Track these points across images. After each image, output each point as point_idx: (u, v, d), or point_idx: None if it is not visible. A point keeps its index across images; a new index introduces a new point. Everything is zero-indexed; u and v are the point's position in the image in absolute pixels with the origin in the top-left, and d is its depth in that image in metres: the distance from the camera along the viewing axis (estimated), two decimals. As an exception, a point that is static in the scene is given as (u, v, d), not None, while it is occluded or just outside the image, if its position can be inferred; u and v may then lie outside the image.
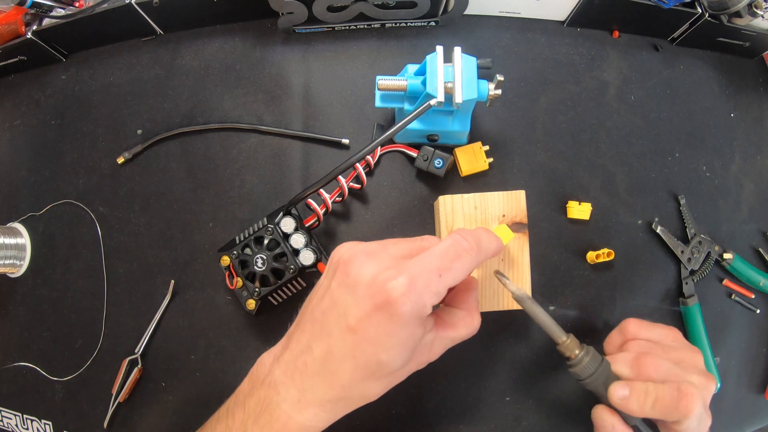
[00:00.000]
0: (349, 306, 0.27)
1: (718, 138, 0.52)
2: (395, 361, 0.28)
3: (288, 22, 0.48)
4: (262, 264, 0.42)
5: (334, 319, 0.28)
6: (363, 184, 0.46)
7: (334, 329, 0.28)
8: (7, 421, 0.49)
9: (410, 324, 0.27)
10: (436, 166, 0.45)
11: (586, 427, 0.47)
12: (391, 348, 0.27)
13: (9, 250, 0.49)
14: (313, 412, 0.29)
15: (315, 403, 0.29)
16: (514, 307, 0.41)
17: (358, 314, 0.27)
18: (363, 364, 0.28)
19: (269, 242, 0.43)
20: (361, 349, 0.27)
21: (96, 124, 0.51)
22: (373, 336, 0.27)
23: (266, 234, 0.42)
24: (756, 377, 0.50)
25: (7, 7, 0.48)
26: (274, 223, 0.43)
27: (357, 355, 0.27)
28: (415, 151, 0.46)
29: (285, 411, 0.29)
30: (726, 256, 0.48)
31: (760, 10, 0.46)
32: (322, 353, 0.28)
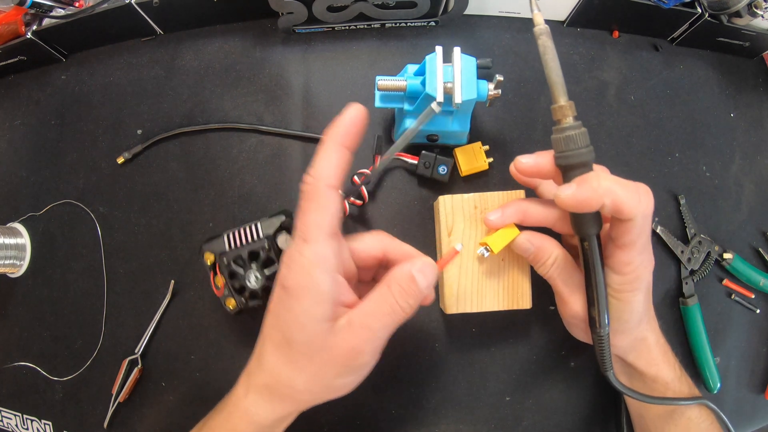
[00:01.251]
0: (282, 272, 0.30)
1: (718, 138, 0.52)
2: (300, 335, 0.29)
3: (288, 22, 0.48)
4: (255, 282, 0.41)
5: (275, 295, 0.31)
6: (365, 201, 0.46)
7: (268, 314, 0.31)
8: (7, 421, 0.49)
9: (303, 296, 0.29)
10: (441, 173, 0.45)
11: (587, 427, 0.47)
12: (292, 323, 0.29)
13: (9, 250, 0.49)
14: (253, 397, 0.31)
15: (254, 389, 0.31)
16: (514, 307, 0.41)
17: (273, 299, 0.30)
18: (277, 344, 0.30)
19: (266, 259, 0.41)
20: (273, 330, 0.30)
21: (96, 124, 0.51)
22: (278, 314, 0.30)
23: (262, 251, 0.40)
24: (756, 377, 0.50)
25: (7, 7, 0.48)
26: (270, 239, 0.41)
27: (273, 336, 0.30)
28: (414, 158, 0.46)
29: (237, 392, 0.32)
30: (726, 256, 0.48)
31: (760, 10, 0.46)
32: (260, 340, 0.31)
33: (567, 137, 0.32)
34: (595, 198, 0.30)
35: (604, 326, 0.34)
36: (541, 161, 0.34)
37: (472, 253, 0.40)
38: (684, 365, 0.49)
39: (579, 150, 0.31)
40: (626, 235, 0.32)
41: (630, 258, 0.33)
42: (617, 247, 0.33)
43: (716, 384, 0.47)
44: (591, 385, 0.47)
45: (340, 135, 0.30)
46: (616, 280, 0.34)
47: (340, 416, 0.46)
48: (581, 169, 0.32)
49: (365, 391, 0.46)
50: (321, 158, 0.30)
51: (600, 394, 0.47)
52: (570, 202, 0.31)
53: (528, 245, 0.37)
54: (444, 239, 0.41)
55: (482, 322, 0.46)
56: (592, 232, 0.33)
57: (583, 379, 0.47)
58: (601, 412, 0.47)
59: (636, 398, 0.37)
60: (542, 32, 0.33)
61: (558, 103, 0.32)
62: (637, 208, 0.30)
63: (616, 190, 0.30)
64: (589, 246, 0.33)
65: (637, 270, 0.33)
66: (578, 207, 0.31)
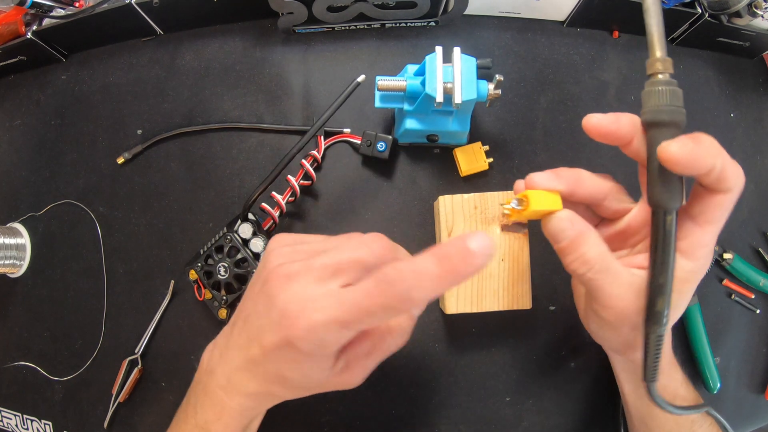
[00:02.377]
0: (264, 327, 0.28)
1: (718, 138, 0.50)
2: (299, 383, 0.30)
3: (288, 22, 0.48)
4: (225, 272, 0.43)
5: (254, 329, 0.29)
6: (313, 180, 0.47)
7: (253, 338, 0.29)
8: (7, 421, 0.49)
9: (313, 358, 0.28)
10: (380, 150, 0.46)
11: (586, 427, 0.47)
12: (294, 372, 0.29)
13: (9, 250, 0.49)
14: (239, 400, 0.31)
15: (240, 393, 0.31)
16: (514, 307, 0.41)
17: (269, 339, 0.28)
18: (272, 377, 0.29)
19: (229, 250, 0.44)
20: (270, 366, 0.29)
21: (96, 124, 0.51)
22: (278, 359, 0.28)
23: (225, 242, 0.44)
24: (756, 377, 0.50)
25: (7, 7, 0.48)
26: (232, 231, 0.44)
27: (267, 367, 0.29)
28: (358, 138, 0.47)
29: (219, 396, 0.31)
30: (726, 256, 0.48)
31: (760, 10, 0.46)
32: (245, 356, 0.30)
33: (673, 91, 0.28)
34: (710, 157, 0.26)
35: (665, 323, 0.29)
36: (622, 120, 0.30)
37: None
38: (684, 365, 0.49)
39: (681, 108, 0.28)
40: (716, 210, 0.28)
41: (708, 239, 0.29)
42: (699, 224, 0.29)
43: (716, 384, 0.47)
44: (591, 386, 0.47)
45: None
46: (685, 267, 0.30)
47: (340, 416, 0.46)
48: (676, 131, 0.28)
49: (365, 391, 0.46)
50: (427, 269, 0.25)
51: (599, 395, 0.47)
52: (683, 157, 0.26)
53: (568, 225, 0.30)
54: (444, 239, 0.41)
55: (482, 322, 0.46)
56: (679, 203, 0.28)
57: (583, 379, 0.47)
58: (601, 412, 0.47)
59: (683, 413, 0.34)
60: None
61: (658, 55, 0.29)
62: (739, 178, 0.28)
63: (725, 155, 0.27)
64: (671, 221, 0.28)
65: (709, 255, 0.30)
66: (689, 165, 0.27)
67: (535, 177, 0.31)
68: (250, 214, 0.45)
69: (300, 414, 0.46)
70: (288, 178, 0.45)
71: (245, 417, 0.32)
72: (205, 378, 0.33)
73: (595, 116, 0.30)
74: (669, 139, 0.27)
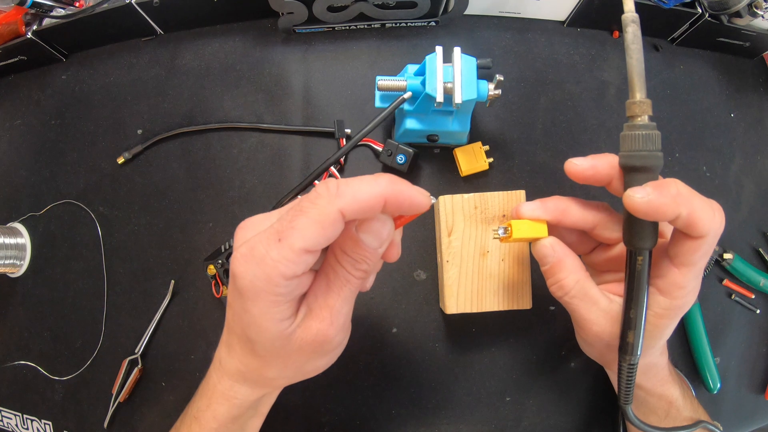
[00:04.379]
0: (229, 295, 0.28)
1: (718, 138, 0.52)
2: (262, 337, 0.27)
3: (288, 22, 0.48)
4: None
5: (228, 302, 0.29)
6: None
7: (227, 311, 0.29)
8: (7, 421, 0.49)
9: (260, 299, 0.25)
10: (399, 162, 0.46)
11: (587, 427, 0.47)
12: (251, 324, 0.26)
13: (9, 250, 0.49)
14: (228, 383, 0.30)
15: (226, 373, 0.30)
16: (514, 307, 0.41)
17: (229, 300, 0.28)
18: (242, 340, 0.28)
19: None
20: (235, 325, 0.28)
21: (96, 124, 0.51)
22: (236, 312, 0.27)
23: None
24: (756, 377, 0.50)
25: (7, 7, 0.48)
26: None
27: (235, 330, 0.28)
28: (380, 145, 0.47)
29: (212, 381, 0.31)
30: (726, 256, 0.48)
31: (760, 10, 0.46)
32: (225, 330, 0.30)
33: (646, 135, 0.28)
34: (673, 206, 0.27)
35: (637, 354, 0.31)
36: (599, 164, 0.31)
37: (473, 253, 0.40)
38: (684, 365, 0.49)
39: (655, 152, 0.29)
40: (691, 254, 0.29)
41: (686, 281, 0.29)
42: (675, 265, 0.30)
43: (716, 384, 0.47)
44: (591, 386, 0.47)
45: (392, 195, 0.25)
46: (661, 303, 0.30)
47: (340, 416, 0.46)
48: (651, 174, 0.29)
49: (365, 391, 0.46)
50: (356, 185, 0.25)
51: (599, 395, 0.47)
52: (643, 206, 0.27)
53: (549, 252, 0.33)
54: (444, 239, 0.41)
55: (482, 322, 0.46)
56: (650, 245, 0.30)
57: (583, 379, 0.47)
58: (601, 412, 0.47)
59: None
60: (632, 20, 0.30)
61: (636, 98, 0.29)
62: (711, 224, 0.28)
63: (694, 202, 0.27)
64: (642, 262, 0.30)
65: (687, 295, 0.30)
66: (650, 213, 0.27)
67: (522, 208, 0.33)
68: None
69: (300, 414, 0.46)
70: (315, 182, 0.44)
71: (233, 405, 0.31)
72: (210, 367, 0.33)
73: (573, 162, 0.32)
74: (636, 186, 0.28)
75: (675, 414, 0.38)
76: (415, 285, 0.46)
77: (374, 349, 0.46)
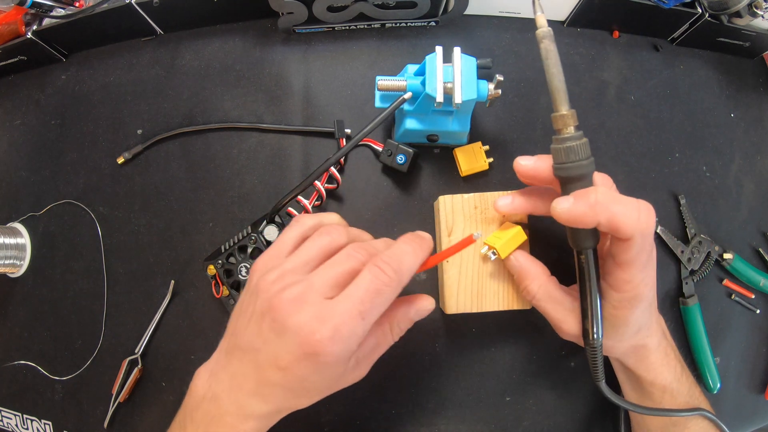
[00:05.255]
0: (278, 350, 0.29)
1: (718, 138, 0.52)
2: (323, 389, 0.32)
3: (288, 22, 0.48)
4: (246, 273, 0.43)
5: (264, 356, 0.30)
6: (338, 184, 0.47)
7: (265, 364, 0.30)
8: (7, 421, 0.49)
9: (336, 365, 0.30)
10: (399, 162, 0.45)
11: (586, 427, 0.47)
12: (318, 382, 0.31)
13: (9, 250, 0.49)
14: (252, 423, 0.31)
15: (253, 417, 0.31)
16: (514, 307, 0.41)
17: (288, 358, 0.29)
18: (293, 391, 0.31)
19: (253, 251, 0.43)
20: (291, 382, 0.30)
21: (96, 124, 0.51)
22: (301, 374, 0.30)
23: (250, 243, 0.43)
24: (756, 377, 0.50)
25: (7, 7, 0.48)
26: (257, 232, 0.43)
27: (287, 385, 0.30)
28: (380, 145, 0.47)
29: (228, 422, 0.31)
30: (726, 256, 0.48)
31: (760, 10, 0.46)
32: (256, 381, 0.31)
33: (567, 148, 0.30)
34: (591, 215, 0.30)
35: (597, 339, 0.34)
36: (540, 166, 0.34)
37: (473, 253, 0.40)
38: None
39: (579, 162, 0.31)
40: (625, 253, 0.31)
41: (629, 276, 0.32)
42: (616, 264, 0.32)
43: (716, 384, 0.47)
44: (591, 386, 0.47)
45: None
46: (614, 297, 0.33)
47: (340, 416, 0.46)
48: (581, 182, 0.31)
49: (365, 391, 0.46)
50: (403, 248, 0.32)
51: (599, 395, 0.47)
52: (565, 216, 0.30)
53: (514, 263, 0.38)
54: (444, 239, 0.41)
55: (482, 322, 0.46)
56: (588, 245, 0.32)
57: (583, 379, 0.47)
58: (601, 412, 0.47)
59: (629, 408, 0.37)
60: (545, 35, 0.31)
61: (559, 112, 0.31)
62: (635, 226, 0.29)
63: (613, 208, 0.29)
64: (585, 260, 0.33)
65: (637, 288, 0.32)
66: (573, 222, 0.31)
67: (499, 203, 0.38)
68: (276, 217, 0.44)
69: (300, 414, 0.46)
70: (314, 182, 0.44)
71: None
72: (207, 405, 0.32)
73: (519, 161, 0.35)
74: (561, 197, 0.31)
75: (669, 400, 0.38)
76: (415, 285, 0.46)
77: (374, 349, 0.46)
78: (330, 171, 0.45)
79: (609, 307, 0.33)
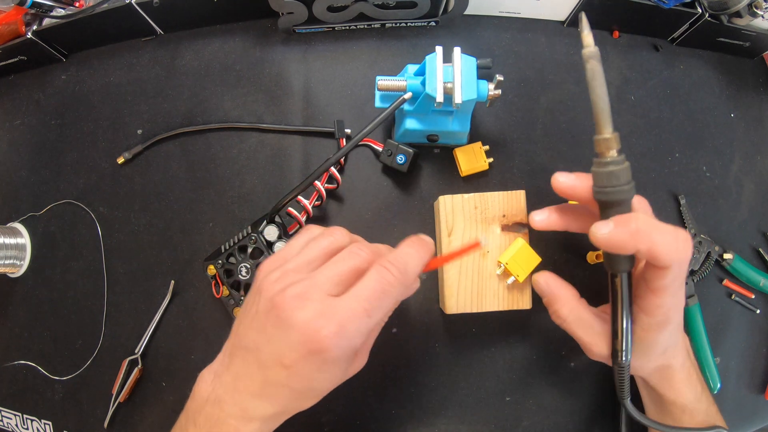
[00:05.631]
0: (282, 348, 0.29)
1: (718, 138, 0.52)
2: (327, 387, 0.32)
3: (288, 22, 0.48)
4: (246, 273, 0.43)
5: (268, 355, 0.30)
6: (338, 184, 0.46)
7: (269, 363, 0.30)
8: (7, 421, 0.49)
9: (340, 361, 0.30)
10: (399, 162, 0.45)
11: (586, 427, 0.47)
12: (323, 380, 0.31)
13: (9, 250, 0.49)
14: (256, 425, 0.31)
15: (257, 419, 0.31)
16: (514, 307, 0.41)
17: (293, 356, 0.29)
18: (298, 391, 0.31)
19: (253, 251, 0.43)
20: (296, 381, 0.30)
21: (96, 124, 0.51)
22: (306, 372, 0.30)
23: (250, 243, 0.43)
24: (756, 377, 0.50)
25: (7, 7, 0.48)
26: (257, 232, 0.43)
27: (292, 385, 0.30)
28: (380, 145, 0.47)
29: (232, 425, 0.31)
30: (726, 256, 0.48)
31: (760, 10, 0.46)
32: (260, 382, 0.30)
33: (609, 173, 0.30)
34: (631, 243, 0.29)
35: (626, 360, 0.34)
36: (579, 185, 0.33)
37: (473, 254, 0.40)
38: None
39: (621, 187, 0.30)
40: (659, 281, 0.31)
41: (661, 302, 0.32)
42: (650, 290, 0.32)
43: (716, 384, 0.47)
44: (591, 386, 0.47)
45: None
46: (644, 320, 0.33)
47: (340, 416, 0.46)
48: (620, 207, 0.31)
49: (365, 391, 0.46)
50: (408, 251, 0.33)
51: (600, 395, 0.47)
52: (604, 242, 0.30)
53: (544, 287, 0.38)
54: (444, 239, 0.41)
55: (482, 322, 0.46)
56: (624, 269, 0.32)
57: (583, 379, 0.47)
58: (601, 412, 0.47)
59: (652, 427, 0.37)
60: (592, 55, 0.30)
61: (602, 135, 0.30)
62: (674, 256, 0.29)
63: (654, 237, 0.29)
64: (620, 282, 0.32)
65: (667, 313, 0.32)
66: (612, 248, 0.31)
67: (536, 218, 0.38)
68: (276, 217, 0.44)
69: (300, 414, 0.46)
70: (314, 182, 0.44)
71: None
72: (210, 408, 0.32)
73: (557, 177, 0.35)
74: (601, 221, 0.31)
75: (688, 419, 0.38)
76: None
77: (374, 349, 0.46)
78: (330, 171, 0.45)
79: (638, 329, 0.34)
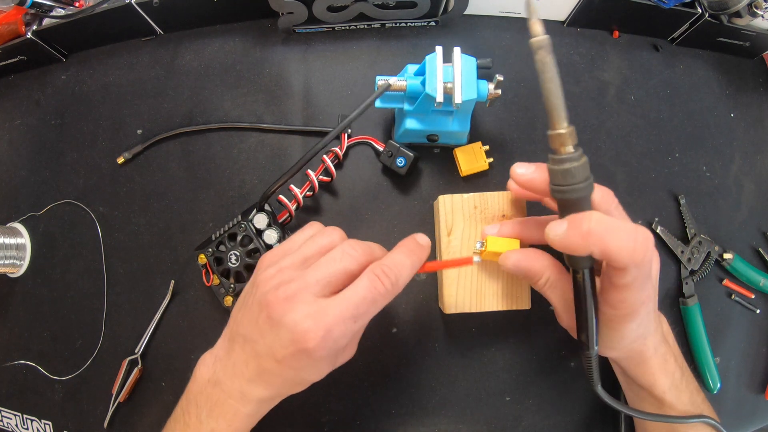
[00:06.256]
0: (274, 344, 0.31)
1: (718, 138, 0.52)
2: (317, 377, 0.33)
3: (288, 22, 0.48)
4: (236, 260, 0.43)
5: (262, 347, 0.32)
6: (333, 177, 0.46)
7: (263, 355, 0.32)
8: (7, 421, 0.49)
9: (329, 357, 0.32)
10: (399, 164, 0.46)
11: (587, 427, 0.47)
12: (312, 373, 0.33)
13: (9, 250, 0.49)
14: (254, 406, 0.33)
15: (254, 400, 0.33)
16: (514, 307, 0.41)
17: (283, 353, 0.31)
18: (290, 380, 0.33)
19: (242, 238, 0.44)
20: (287, 373, 0.32)
21: (96, 124, 0.51)
22: (296, 367, 0.31)
23: (239, 230, 0.43)
24: (756, 377, 0.50)
25: (7, 7, 0.48)
26: (247, 220, 0.43)
27: (284, 375, 0.32)
28: (382, 145, 0.47)
29: (232, 405, 0.33)
30: (726, 256, 0.48)
31: (760, 10, 0.46)
32: (256, 368, 0.32)
33: (565, 170, 0.28)
34: (583, 245, 0.28)
35: (592, 348, 0.33)
36: (537, 177, 0.33)
37: (472, 253, 0.40)
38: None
39: (575, 185, 0.28)
40: (620, 279, 0.30)
41: (624, 297, 0.31)
42: (612, 286, 0.31)
43: (716, 384, 0.47)
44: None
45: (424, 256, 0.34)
46: (610, 312, 0.32)
47: (340, 416, 0.46)
48: (577, 205, 0.29)
49: (365, 391, 0.46)
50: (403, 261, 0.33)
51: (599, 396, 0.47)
52: (558, 243, 0.29)
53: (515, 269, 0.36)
54: (444, 239, 0.41)
55: (482, 322, 0.46)
56: (584, 266, 0.31)
57: (583, 379, 0.47)
58: (601, 412, 0.47)
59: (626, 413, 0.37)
60: (541, 45, 0.28)
61: (556, 130, 0.28)
62: (630, 257, 0.28)
63: (607, 239, 0.28)
64: (581, 278, 0.31)
65: (633, 306, 0.31)
66: (566, 250, 0.29)
67: (488, 232, 0.38)
68: (266, 205, 0.45)
69: (300, 414, 0.46)
70: (308, 172, 0.45)
71: (255, 419, 0.35)
72: (210, 389, 0.34)
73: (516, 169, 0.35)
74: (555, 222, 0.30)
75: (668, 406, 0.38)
76: (415, 285, 0.47)
77: (374, 349, 0.46)
78: (324, 161, 0.45)
79: (605, 319, 0.33)
